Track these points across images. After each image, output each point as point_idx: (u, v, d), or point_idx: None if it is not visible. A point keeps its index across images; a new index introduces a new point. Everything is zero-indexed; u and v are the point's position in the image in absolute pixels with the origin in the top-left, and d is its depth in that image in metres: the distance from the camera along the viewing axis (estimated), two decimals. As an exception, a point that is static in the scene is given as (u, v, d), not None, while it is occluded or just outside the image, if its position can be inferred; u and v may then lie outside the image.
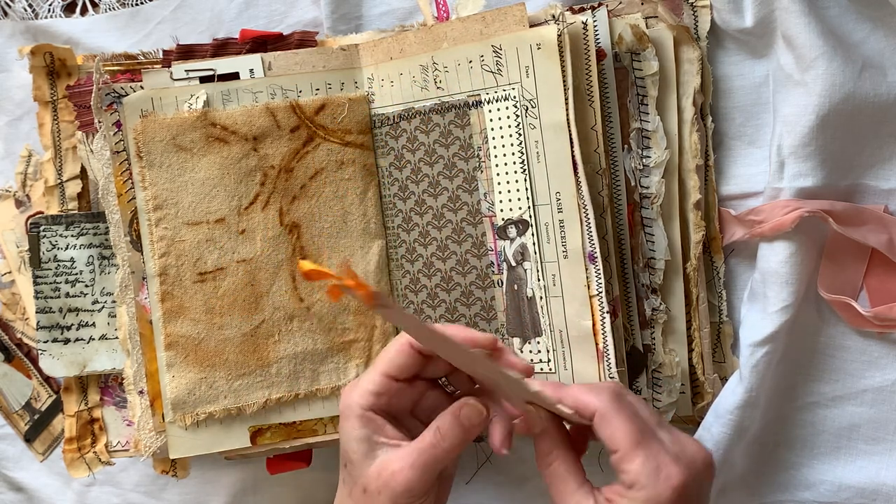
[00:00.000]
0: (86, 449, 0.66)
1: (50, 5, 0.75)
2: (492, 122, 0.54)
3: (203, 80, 0.58)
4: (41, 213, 0.67)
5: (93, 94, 0.57)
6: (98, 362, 0.65)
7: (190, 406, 0.57)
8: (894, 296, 0.52)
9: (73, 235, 0.64)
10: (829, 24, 0.50)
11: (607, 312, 0.51)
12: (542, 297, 0.53)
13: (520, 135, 0.53)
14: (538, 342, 0.54)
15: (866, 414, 0.54)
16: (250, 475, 0.72)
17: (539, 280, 0.53)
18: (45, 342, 0.65)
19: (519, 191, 0.54)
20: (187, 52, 0.59)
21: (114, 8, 0.73)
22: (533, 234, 0.53)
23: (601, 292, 0.51)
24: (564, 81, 0.51)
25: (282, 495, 0.72)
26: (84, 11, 0.75)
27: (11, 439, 0.77)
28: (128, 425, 0.66)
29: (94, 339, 0.65)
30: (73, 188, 0.65)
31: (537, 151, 0.53)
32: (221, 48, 0.59)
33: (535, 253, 0.53)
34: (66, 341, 0.65)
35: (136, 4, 0.73)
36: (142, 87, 0.58)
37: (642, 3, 0.54)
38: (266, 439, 0.59)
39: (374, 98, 0.59)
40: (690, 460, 0.42)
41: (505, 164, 0.54)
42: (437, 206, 0.57)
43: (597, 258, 0.51)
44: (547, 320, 0.53)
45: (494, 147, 0.54)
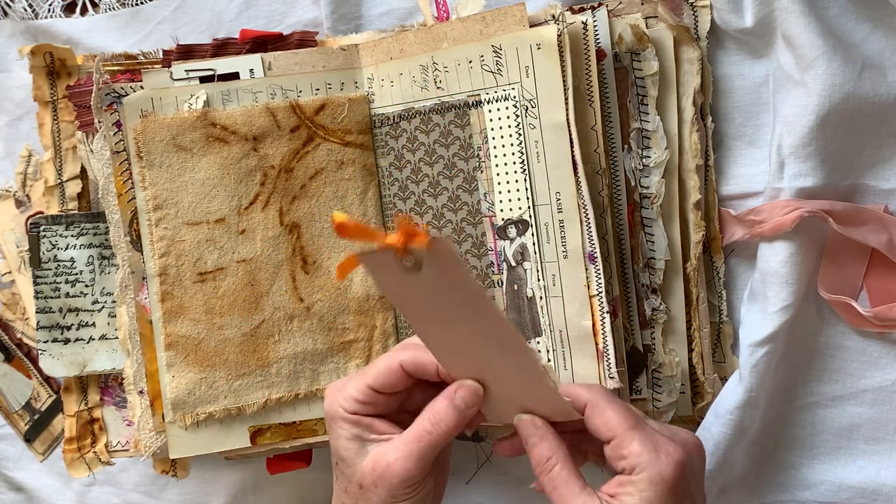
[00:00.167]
0: (86, 449, 0.66)
1: (50, 5, 0.75)
2: (492, 122, 0.54)
3: (203, 80, 0.58)
4: (41, 213, 0.67)
5: (93, 94, 0.57)
6: (98, 362, 0.65)
7: (190, 406, 0.58)
8: (894, 296, 0.52)
9: (73, 235, 0.64)
10: (829, 24, 0.50)
11: (607, 312, 0.51)
12: (541, 297, 0.53)
13: (520, 135, 0.53)
14: (538, 342, 0.54)
15: (866, 414, 0.54)
16: (250, 475, 0.72)
17: (539, 280, 0.53)
18: (45, 342, 0.65)
19: (519, 191, 0.54)
20: (187, 52, 0.59)
21: (114, 8, 0.73)
22: (533, 234, 0.53)
23: (601, 292, 0.51)
24: (564, 81, 0.51)
25: (282, 495, 0.72)
26: (84, 11, 0.75)
27: (11, 439, 0.77)
28: (128, 425, 0.66)
29: (94, 339, 0.65)
30: (73, 188, 0.65)
31: (537, 151, 0.53)
32: (221, 48, 0.59)
33: (535, 253, 0.53)
34: (66, 341, 0.65)
35: (136, 4, 0.73)
36: (142, 87, 0.58)
37: (642, 3, 0.54)
38: (266, 439, 0.59)
39: (374, 98, 0.59)
40: (684, 441, 0.43)
41: (505, 164, 0.54)
42: (437, 206, 0.57)
43: (597, 258, 0.51)
44: (547, 320, 0.53)
45: (494, 147, 0.54)
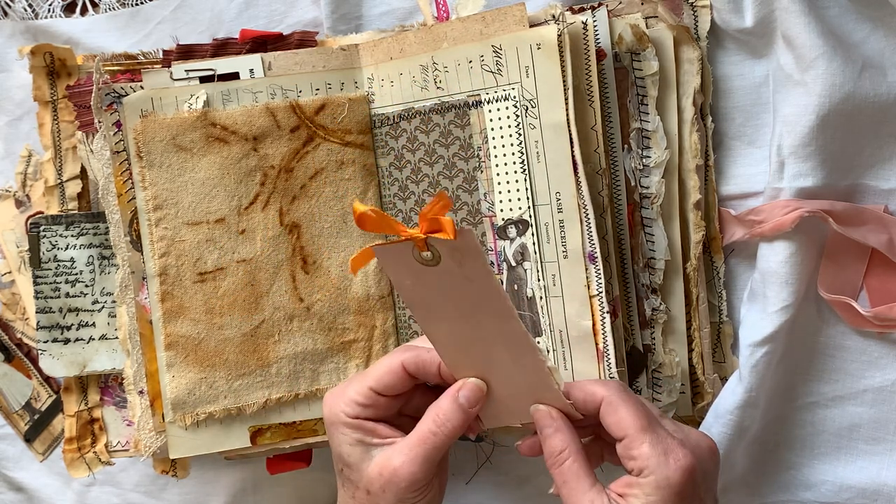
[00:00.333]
0: (86, 449, 0.66)
1: (50, 5, 0.75)
2: (492, 122, 0.54)
3: (203, 80, 0.58)
4: (41, 213, 0.67)
5: (93, 94, 0.57)
6: (98, 362, 0.65)
7: (190, 406, 0.58)
8: (894, 296, 0.52)
9: (73, 235, 0.64)
10: (829, 24, 0.50)
11: (607, 312, 0.51)
12: (542, 297, 0.53)
13: (520, 135, 0.53)
14: (538, 342, 0.54)
15: (866, 414, 0.54)
16: (250, 475, 0.72)
17: (539, 280, 0.53)
18: (45, 342, 0.65)
19: (519, 191, 0.54)
20: (187, 52, 0.59)
21: (114, 8, 0.73)
22: (533, 234, 0.53)
23: (601, 292, 0.51)
24: (564, 81, 0.51)
25: (282, 495, 0.72)
26: (84, 11, 0.75)
27: (11, 439, 0.77)
28: (128, 425, 0.66)
29: (94, 339, 0.65)
30: (73, 188, 0.65)
31: (537, 151, 0.53)
32: (221, 48, 0.59)
33: (535, 253, 0.53)
34: (66, 341, 0.65)
35: (136, 4, 0.73)
36: (142, 87, 0.58)
37: (642, 3, 0.54)
38: (266, 439, 0.59)
39: (374, 98, 0.59)
40: (695, 445, 0.42)
41: (505, 164, 0.54)
42: (437, 206, 0.57)
43: (597, 258, 0.51)
44: (547, 320, 0.53)
45: (494, 147, 0.54)
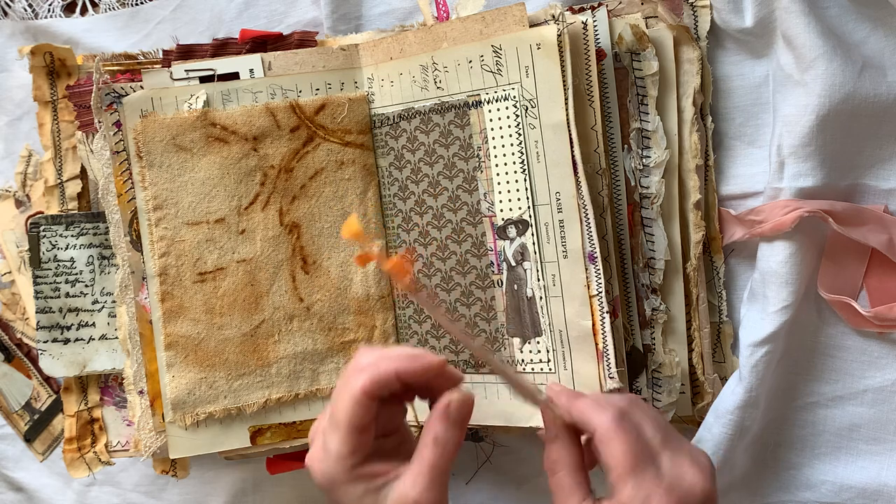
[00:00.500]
0: (86, 449, 0.66)
1: (50, 5, 0.75)
2: (492, 122, 0.54)
3: (203, 80, 0.58)
4: (41, 213, 0.67)
5: (93, 94, 0.57)
6: (98, 362, 0.65)
7: (190, 406, 0.58)
8: (894, 296, 0.52)
9: (73, 235, 0.64)
10: (829, 24, 0.50)
11: (607, 312, 0.51)
12: (541, 297, 0.53)
13: (520, 135, 0.53)
14: (538, 342, 0.54)
15: (867, 414, 0.54)
16: (250, 475, 0.72)
17: (539, 280, 0.53)
18: (45, 342, 0.65)
19: (519, 191, 0.54)
20: (187, 52, 0.59)
21: (114, 8, 0.73)
22: (533, 234, 0.53)
23: (601, 292, 0.51)
24: (564, 81, 0.51)
25: (282, 495, 0.72)
26: (84, 11, 0.75)
27: (11, 439, 0.77)
28: (128, 425, 0.67)
29: (94, 339, 0.65)
30: (73, 188, 0.65)
31: (537, 151, 0.53)
32: (221, 48, 0.59)
33: (535, 253, 0.53)
34: (66, 341, 0.65)
35: (136, 4, 0.73)
36: (142, 87, 0.58)
37: (642, 3, 0.54)
38: (266, 439, 0.59)
39: (374, 98, 0.59)
40: (685, 492, 0.41)
41: (505, 164, 0.54)
42: (437, 206, 0.57)
43: (597, 258, 0.51)
44: (547, 320, 0.53)
45: (494, 147, 0.54)
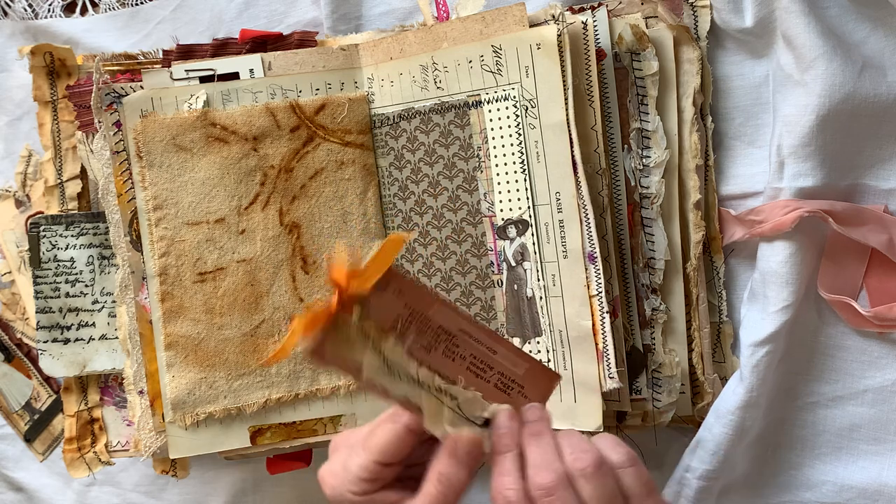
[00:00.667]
0: (86, 449, 0.66)
1: (50, 5, 0.75)
2: (492, 122, 0.54)
3: (203, 80, 0.58)
4: (41, 213, 0.67)
5: (93, 94, 0.57)
6: (98, 362, 0.65)
7: (190, 406, 0.58)
8: (894, 296, 0.52)
9: (73, 235, 0.64)
10: (829, 24, 0.50)
11: (607, 312, 0.51)
12: (541, 297, 0.53)
13: (520, 135, 0.53)
14: (538, 342, 0.54)
15: (867, 414, 0.54)
16: (250, 475, 0.72)
17: (539, 280, 0.53)
18: (45, 342, 0.65)
19: (519, 191, 0.54)
20: (187, 52, 0.59)
21: (114, 8, 0.73)
22: (533, 234, 0.53)
23: (601, 292, 0.51)
24: (564, 81, 0.51)
25: (282, 495, 0.72)
26: (84, 11, 0.75)
27: (11, 439, 0.77)
28: (128, 425, 0.66)
29: (94, 339, 0.65)
30: (73, 188, 0.65)
31: (537, 151, 0.53)
32: (221, 48, 0.59)
33: (535, 253, 0.53)
34: (66, 341, 0.65)
35: (136, 4, 0.73)
36: (142, 87, 0.58)
37: (642, 3, 0.54)
38: (266, 439, 0.59)
39: (374, 98, 0.59)
40: None
41: (505, 164, 0.54)
42: (437, 206, 0.57)
43: (596, 258, 0.51)
44: (547, 320, 0.53)
45: (494, 147, 0.54)
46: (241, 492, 0.73)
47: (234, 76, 0.58)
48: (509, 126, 0.53)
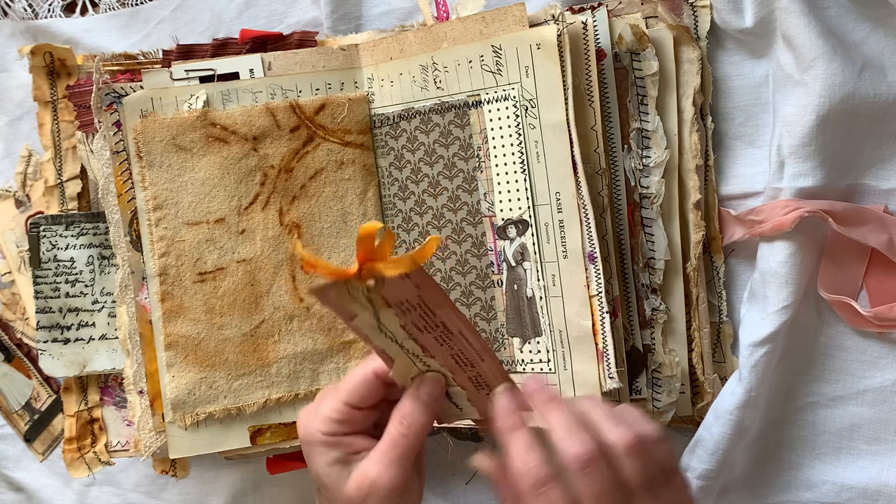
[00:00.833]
0: (86, 449, 0.66)
1: (50, 5, 0.75)
2: (492, 122, 0.54)
3: (203, 80, 0.58)
4: (41, 213, 0.67)
5: (93, 94, 0.57)
6: (98, 362, 0.65)
7: (190, 406, 0.58)
8: (894, 296, 0.52)
9: (73, 235, 0.64)
10: (829, 24, 0.50)
11: (607, 312, 0.51)
12: (541, 297, 0.53)
13: (520, 135, 0.53)
14: (538, 342, 0.54)
15: (867, 414, 0.54)
16: (250, 475, 0.72)
17: (539, 280, 0.53)
18: (45, 342, 0.65)
19: (519, 191, 0.54)
20: (187, 52, 0.59)
21: (114, 8, 0.73)
22: (533, 234, 0.53)
23: (601, 292, 0.51)
24: (564, 81, 0.51)
25: (282, 495, 0.72)
26: (84, 11, 0.75)
27: (11, 439, 0.77)
28: (128, 425, 0.67)
29: (94, 339, 0.65)
30: (73, 188, 0.65)
31: (537, 151, 0.53)
32: (221, 48, 0.59)
33: (535, 253, 0.53)
34: (66, 341, 0.65)
35: (136, 4, 0.73)
36: (142, 87, 0.58)
37: (642, 3, 0.54)
38: (266, 439, 0.59)
39: (374, 98, 0.59)
40: None
41: (505, 164, 0.54)
42: (437, 206, 0.57)
43: (596, 258, 0.51)
44: (547, 320, 0.53)
45: (494, 147, 0.54)
46: (241, 492, 0.73)
47: (234, 76, 0.58)
48: (509, 126, 0.53)
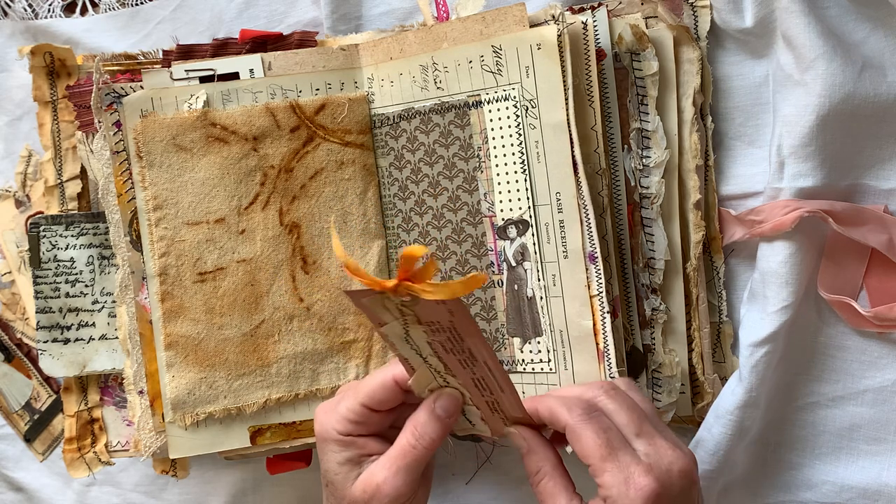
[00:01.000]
0: (86, 449, 0.66)
1: (50, 5, 0.75)
2: (492, 122, 0.54)
3: (203, 80, 0.58)
4: (41, 213, 0.67)
5: (93, 94, 0.57)
6: (98, 362, 0.65)
7: (190, 406, 0.58)
8: (894, 296, 0.52)
9: (73, 235, 0.64)
10: (829, 24, 0.50)
11: (607, 312, 0.51)
12: (542, 297, 0.53)
13: (520, 135, 0.53)
14: (538, 342, 0.54)
15: (867, 414, 0.54)
16: (250, 475, 0.72)
17: (539, 280, 0.53)
18: (45, 342, 0.65)
19: (519, 191, 0.54)
20: (187, 52, 0.59)
21: (114, 8, 0.73)
22: (533, 234, 0.53)
23: (601, 292, 0.51)
24: (564, 81, 0.51)
25: (282, 495, 0.72)
26: (84, 11, 0.75)
27: (11, 439, 0.77)
28: (128, 425, 0.67)
29: (94, 339, 0.65)
30: (73, 188, 0.65)
31: (537, 151, 0.53)
32: (221, 48, 0.59)
33: (536, 253, 0.53)
34: (66, 341, 0.65)
35: (136, 4, 0.73)
36: (142, 87, 0.58)
37: (642, 3, 0.54)
38: (266, 439, 0.59)
39: (374, 98, 0.59)
40: (665, 470, 0.42)
41: (505, 164, 0.54)
42: (437, 207, 0.57)
43: (597, 258, 0.51)
44: (547, 320, 0.53)
45: (494, 147, 0.54)
46: (241, 492, 0.73)
47: (234, 76, 0.58)
48: (509, 126, 0.53)
